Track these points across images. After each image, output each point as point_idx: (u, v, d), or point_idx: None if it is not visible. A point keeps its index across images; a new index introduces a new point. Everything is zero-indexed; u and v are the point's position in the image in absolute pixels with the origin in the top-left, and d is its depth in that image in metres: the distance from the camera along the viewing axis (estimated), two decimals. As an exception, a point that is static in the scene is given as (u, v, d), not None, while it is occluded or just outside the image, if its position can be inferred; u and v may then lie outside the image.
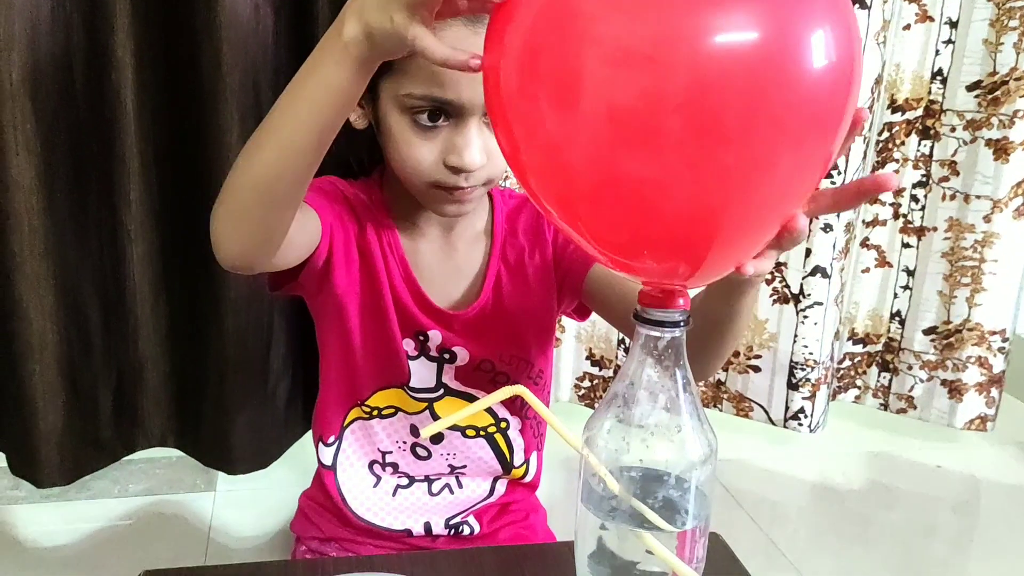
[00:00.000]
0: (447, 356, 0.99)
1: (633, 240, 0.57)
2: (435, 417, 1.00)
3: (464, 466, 1.04)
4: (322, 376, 1.04)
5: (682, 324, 0.59)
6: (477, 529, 1.05)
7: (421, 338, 0.98)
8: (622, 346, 1.80)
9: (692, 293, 0.63)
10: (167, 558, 1.06)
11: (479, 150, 0.85)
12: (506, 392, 0.66)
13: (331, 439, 1.03)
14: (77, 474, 1.40)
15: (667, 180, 0.53)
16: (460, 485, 1.05)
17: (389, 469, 1.03)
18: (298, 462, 1.40)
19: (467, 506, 1.05)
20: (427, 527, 1.03)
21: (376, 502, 1.04)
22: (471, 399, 1.01)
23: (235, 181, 0.74)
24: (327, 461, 1.04)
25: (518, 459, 1.05)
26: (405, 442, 1.02)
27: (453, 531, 1.04)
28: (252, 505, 1.58)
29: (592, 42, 0.51)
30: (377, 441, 1.02)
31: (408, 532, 1.03)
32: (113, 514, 1.57)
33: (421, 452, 1.02)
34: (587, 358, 1.85)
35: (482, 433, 1.02)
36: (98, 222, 1.33)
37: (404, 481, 1.04)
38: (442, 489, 1.04)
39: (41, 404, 1.33)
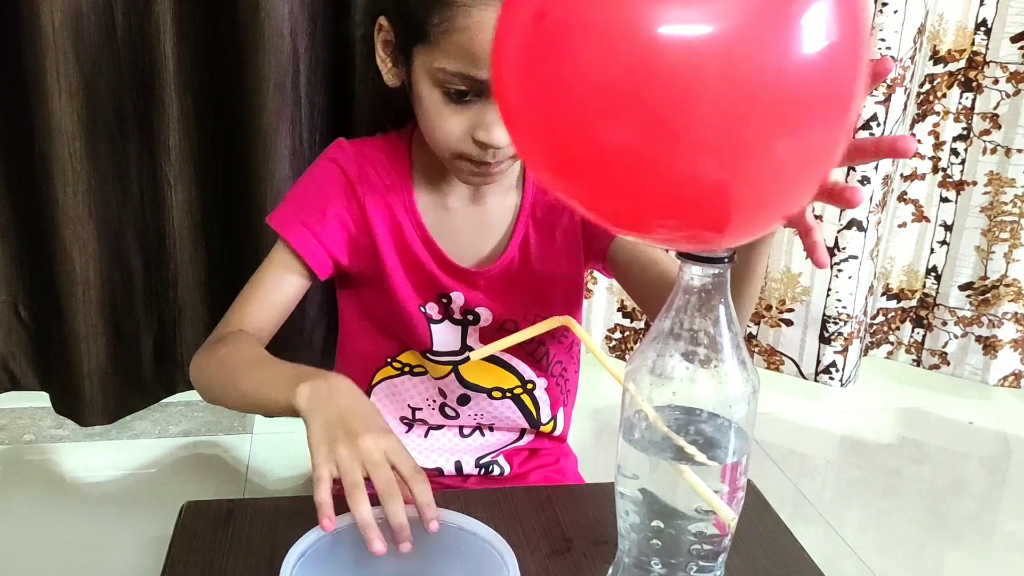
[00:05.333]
0: (471, 318, 0.99)
1: (636, 213, 0.55)
2: (461, 380, 1.01)
3: (492, 424, 1.05)
4: (342, 340, 1.06)
5: (726, 261, 0.60)
6: (507, 470, 1.07)
7: (444, 300, 0.98)
8: (654, 298, 1.80)
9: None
10: (206, 496, 1.09)
11: None
12: (554, 322, 0.66)
13: None
14: (119, 414, 1.44)
15: (653, 155, 0.51)
16: (491, 430, 1.06)
17: (419, 423, 1.05)
18: (334, 406, 1.42)
19: (497, 447, 1.06)
20: (458, 466, 1.05)
21: (408, 443, 1.04)
22: (496, 361, 1.02)
23: (207, 393, 0.90)
24: None
25: (545, 416, 1.06)
26: (435, 400, 1.02)
27: (483, 471, 1.06)
28: (288, 447, 1.61)
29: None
30: (407, 398, 1.03)
31: (439, 471, 1.04)
32: (153, 454, 1.60)
33: (449, 412, 1.03)
34: (618, 310, 1.86)
35: (508, 395, 1.03)
36: (138, 169, 1.35)
37: (435, 425, 1.05)
38: (472, 432, 1.05)
39: (85, 345, 1.36)
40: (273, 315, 0.95)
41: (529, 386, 1.04)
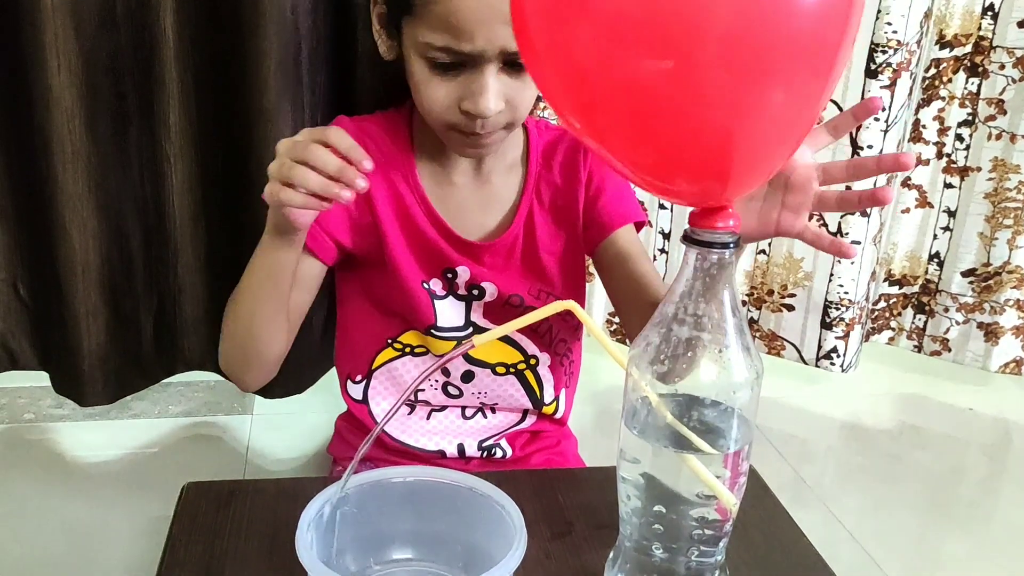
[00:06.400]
0: (475, 292, 0.99)
1: (653, 156, 0.59)
2: (466, 356, 1.00)
3: (495, 404, 1.05)
4: (340, 323, 1.06)
5: (731, 245, 0.59)
6: (509, 453, 1.07)
7: (449, 275, 0.98)
8: (655, 282, 1.80)
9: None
10: (206, 477, 1.10)
11: (495, 97, 0.84)
12: (557, 306, 0.66)
13: (359, 377, 1.05)
14: (119, 394, 1.43)
15: (668, 93, 0.54)
16: (493, 412, 1.06)
17: (421, 404, 1.04)
18: (333, 388, 1.42)
19: (499, 430, 1.06)
20: (460, 449, 1.05)
21: (410, 426, 1.05)
22: (501, 338, 1.02)
23: (227, 339, 0.97)
24: (357, 396, 1.05)
25: (548, 396, 1.06)
26: (437, 380, 1.02)
27: (486, 453, 1.06)
28: (288, 428, 1.61)
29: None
30: (409, 379, 1.03)
31: (441, 453, 1.04)
32: (153, 434, 1.61)
33: (452, 391, 1.03)
34: (620, 293, 1.85)
35: (512, 370, 1.03)
36: (138, 147, 1.34)
37: (438, 406, 1.05)
38: (475, 414, 1.05)
39: (84, 324, 1.35)
40: (302, 293, 0.96)
41: (532, 361, 1.04)
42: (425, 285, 0.98)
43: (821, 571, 0.76)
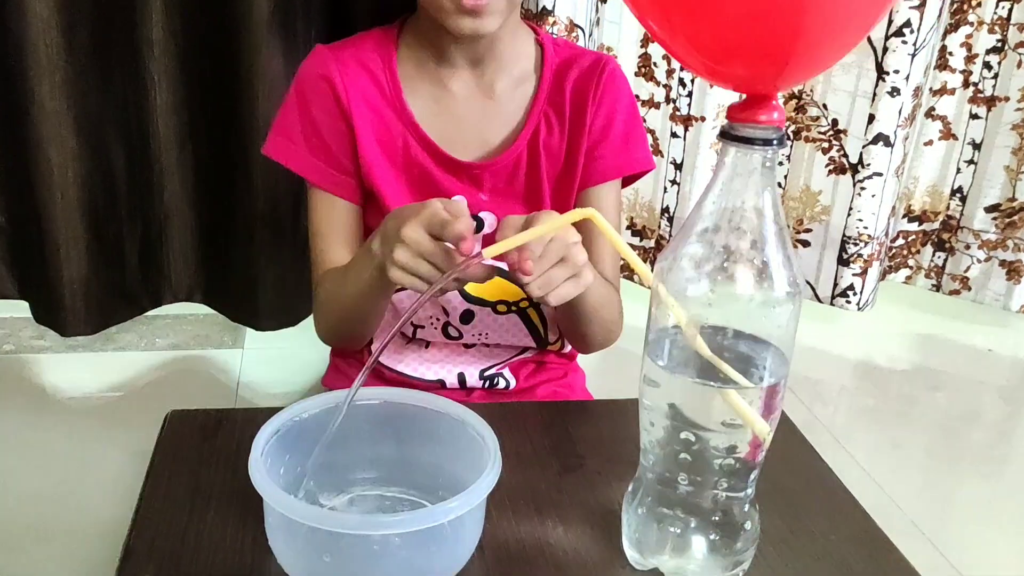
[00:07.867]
0: (474, 224, 0.94)
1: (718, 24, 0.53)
2: (464, 295, 0.96)
3: (498, 344, 1.00)
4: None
5: (774, 142, 0.52)
6: (513, 383, 1.02)
7: None
8: (665, 215, 1.73)
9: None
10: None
11: None
12: (578, 214, 0.61)
13: None
14: (102, 324, 1.38)
15: None
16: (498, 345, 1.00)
17: (420, 341, 1.00)
18: (328, 320, 1.38)
19: (503, 359, 1.01)
20: (461, 378, 1.00)
21: (408, 355, 1.00)
22: (500, 272, 0.96)
23: (336, 338, 0.98)
24: None
25: (552, 335, 1.01)
26: (438, 319, 0.98)
27: (488, 383, 1.01)
28: (280, 362, 1.57)
29: None
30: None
31: (441, 383, 1.00)
32: (139, 366, 1.57)
33: (452, 332, 0.98)
34: (628, 227, 1.79)
35: (514, 308, 0.98)
36: (121, 64, 1.27)
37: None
38: (476, 343, 1.00)
39: (64, 251, 1.29)
40: (348, 247, 0.94)
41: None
42: None
43: (851, 509, 0.73)
